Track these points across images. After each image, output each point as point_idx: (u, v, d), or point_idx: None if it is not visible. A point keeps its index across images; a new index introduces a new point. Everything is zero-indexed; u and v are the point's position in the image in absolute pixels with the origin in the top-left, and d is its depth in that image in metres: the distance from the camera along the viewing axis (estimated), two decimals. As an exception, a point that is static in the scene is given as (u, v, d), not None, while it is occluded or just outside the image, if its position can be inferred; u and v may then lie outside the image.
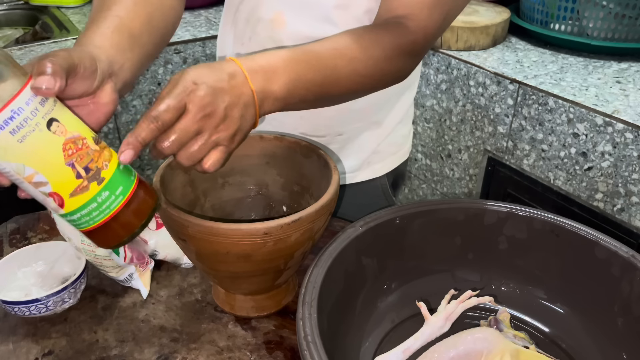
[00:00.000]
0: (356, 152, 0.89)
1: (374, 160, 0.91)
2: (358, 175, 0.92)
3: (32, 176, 0.45)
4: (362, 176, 0.92)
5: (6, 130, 0.42)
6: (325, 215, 0.61)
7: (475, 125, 1.35)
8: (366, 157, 0.90)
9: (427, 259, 0.70)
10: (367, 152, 0.90)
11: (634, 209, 1.06)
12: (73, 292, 0.69)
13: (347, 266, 0.63)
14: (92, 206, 0.47)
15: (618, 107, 1.08)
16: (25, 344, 0.66)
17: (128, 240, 0.50)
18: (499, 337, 0.61)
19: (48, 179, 0.45)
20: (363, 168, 0.91)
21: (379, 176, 0.93)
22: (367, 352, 0.64)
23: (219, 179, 0.74)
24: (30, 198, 0.48)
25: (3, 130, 0.41)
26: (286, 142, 0.72)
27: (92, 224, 0.48)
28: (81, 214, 0.47)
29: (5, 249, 0.82)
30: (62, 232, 0.70)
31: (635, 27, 1.26)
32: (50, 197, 0.46)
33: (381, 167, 0.93)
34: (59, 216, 0.49)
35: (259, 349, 0.65)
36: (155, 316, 0.70)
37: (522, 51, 1.37)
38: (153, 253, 0.76)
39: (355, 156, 0.89)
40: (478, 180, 1.40)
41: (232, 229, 0.56)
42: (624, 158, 1.05)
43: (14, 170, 0.44)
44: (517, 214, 0.68)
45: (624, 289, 0.61)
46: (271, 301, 0.70)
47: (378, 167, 0.93)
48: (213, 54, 1.47)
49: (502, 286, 0.71)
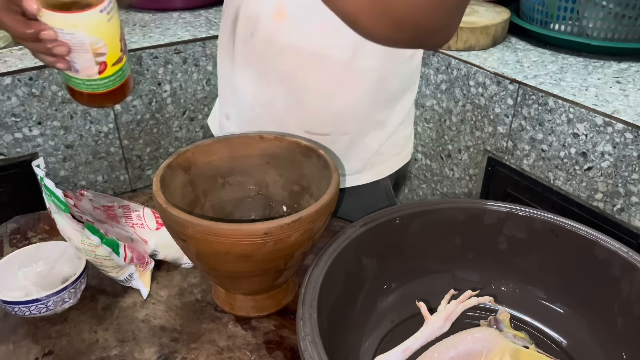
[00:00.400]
0: (359, 154, 0.89)
1: (377, 162, 0.91)
2: (362, 177, 0.91)
3: (100, 48, 0.58)
4: (365, 178, 0.92)
5: (104, 13, 0.56)
6: (325, 215, 0.62)
7: (475, 125, 1.35)
8: (369, 158, 0.90)
9: (427, 259, 0.70)
10: (370, 154, 0.90)
11: (633, 209, 1.06)
12: (73, 292, 0.69)
13: (347, 266, 0.63)
14: (118, 73, 0.61)
15: (618, 107, 1.08)
16: (26, 343, 0.66)
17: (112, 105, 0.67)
18: (499, 337, 0.61)
19: (107, 50, 0.58)
20: (366, 170, 0.91)
21: (382, 178, 0.93)
22: (367, 352, 0.64)
23: (219, 179, 0.74)
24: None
25: (102, 13, 0.56)
26: (286, 142, 0.72)
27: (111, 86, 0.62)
28: (109, 78, 0.61)
29: (5, 249, 0.82)
30: (62, 232, 0.70)
31: (635, 27, 1.26)
32: (98, 65, 0.59)
33: (384, 168, 0.93)
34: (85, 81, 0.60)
35: (259, 349, 0.65)
36: (156, 316, 0.70)
37: (522, 51, 1.37)
38: (153, 253, 0.76)
39: (359, 158, 0.89)
40: (478, 180, 1.40)
41: (232, 229, 0.56)
42: (624, 158, 1.05)
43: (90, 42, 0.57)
44: (517, 214, 0.68)
45: (624, 289, 0.61)
46: (271, 301, 0.70)
47: (381, 169, 0.92)
48: (213, 54, 1.47)
49: (502, 286, 0.71)
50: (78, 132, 1.37)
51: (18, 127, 1.29)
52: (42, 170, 0.68)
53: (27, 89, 1.26)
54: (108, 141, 1.41)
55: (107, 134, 1.40)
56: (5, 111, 1.26)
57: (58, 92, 1.30)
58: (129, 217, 0.78)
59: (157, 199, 0.60)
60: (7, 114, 1.26)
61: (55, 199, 0.66)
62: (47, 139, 1.34)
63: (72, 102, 1.33)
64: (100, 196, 0.79)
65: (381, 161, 0.92)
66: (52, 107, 1.31)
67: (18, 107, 1.27)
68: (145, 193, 0.95)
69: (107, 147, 1.41)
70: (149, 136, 1.48)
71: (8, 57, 1.31)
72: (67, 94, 1.30)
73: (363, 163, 0.90)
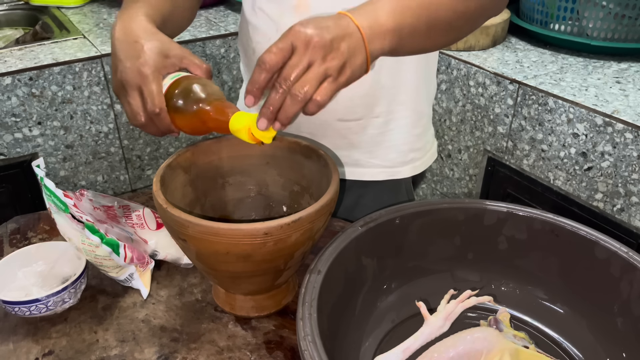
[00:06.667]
0: (398, 145, 0.88)
1: (416, 157, 0.91)
2: (401, 171, 0.91)
3: None
4: (404, 172, 0.91)
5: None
6: (325, 215, 0.62)
7: (475, 126, 1.35)
8: (409, 151, 0.90)
9: (427, 259, 0.70)
10: (410, 147, 0.89)
11: (633, 209, 1.06)
12: (73, 292, 0.69)
13: (347, 266, 0.63)
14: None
15: (618, 107, 1.08)
16: (26, 343, 0.66)
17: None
18: (499, 337, 0.61)
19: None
20: (406, 164, 0.90)
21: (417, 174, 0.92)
22: (367, 352, 0.64)
23: (219, 179, 0.74)
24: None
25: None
26: (286, 142, 0.72)
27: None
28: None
29: (5, 249, 0.82)
30: (62, 232, 0.70)
31: (635, 27, 1.26)
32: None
33: (421, 164, 0.92)
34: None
35: (259, 349, 0.65)
36: (156, 316, 0.70)
37: (522, 51, 1.37)
38: (153, 253, 0.76)
39: (397, 150, 0.89)
40: (478, 180, 1.40)
41: (232, 229, 0.56)
42: (624, 158, 1.05)
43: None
44: (517, 214, 0.68)
45: (624, 289, 0.61)
46: (271, 301, 0.70)
47: (419, 164, 0.92)
48: (213, 54, 1.48)
49: (502, 286, 0.71)
50: (78, 132, 1.37)
51: (18, 127, 1.29)
52: (42, 170, 0.68)
53: (27, 89, 1.26)
54: (108, 141, 1.41)
55: (107, 134, 1.40)
56: (5, 111, 1.26)
57: (58, 92, 1.30)
58: (129, 217, 0.78)
59: (157, 199, 0.60)
60: (7, 114, 1.26)
61: (55, 199, 0.66)
62: (47, 139, 1.34)
63: (72, 102, 1.33)
64: (100, 196, 0.79)
65: (419, 156, 0.92)
66: (52, 107, 1.31)
67: (18, 107, 1.27)
68: (145, 193, 0.95)
69: (107, 147, 1.41)
70: (149, 136, 1.48)
71: (8, 57, 1.31)
72: (67, 94, 1.31)
73: (403, 157, 0.90)
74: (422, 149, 0.92)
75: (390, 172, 0.91)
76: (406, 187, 0.96)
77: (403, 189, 0.96)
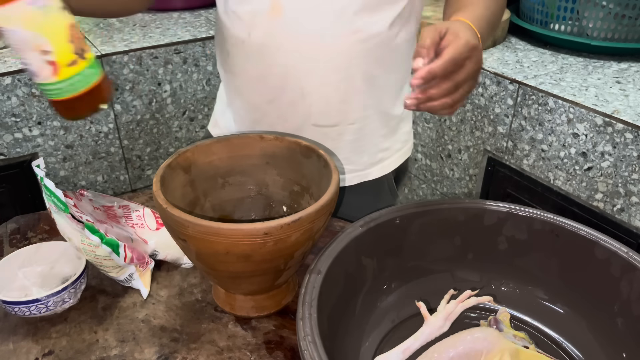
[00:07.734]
0: (369, 147, 0.90)
1: (384, 157, 0.93)
2: (370, 173, 0.93)
3: (41, 45, 0.57)
4: (374, 174, 0.93)
5: (34, 6, 0.55)
6: (325, 215, 0.62)
7: (475, 126, 1.35)
8: (377, 153, 0.91)
9: (427, 259, 0.70)
10: (378, 148, 0.91)
11: (633, 209, 1.06)
12: (73, 292, 0.69)
13: (347, 266, 0.63)
14: (77, 77, 0.60)
15: (618, 107, 1.08)
16: (26, 343, 0.66)
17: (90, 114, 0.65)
18: (499, 336, 0.61)
19: (53, 49, 0.58)
20: (375, 165, 0.92)
21: (386, 173, 0.94)
22: (367, 352, 0.64)
23: (219, 179, 0.74)
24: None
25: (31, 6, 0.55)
26: (286, 142, 0.72)
27: (74, 91, 0.61)
28: (68, 82, 0.60)
29: (5, 249, 0.82)
30: (62, 232, 0.70)
31: (635, 27, 1.26)
32: (49, 65, 0.58)
33: (389, 163, 0.94)
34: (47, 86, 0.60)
35: (259, 349, 0.65)
36: (156, 316, 0.70)
37: (522, 51, 1.37)
38: (153, 253, 0.76)
39: (369, 152, 0.90)
40: (478, 180, 1.40)
41: (232, 229, 0.56)
42: (624, 158, 1.05)
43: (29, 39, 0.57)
44: (517, 214, 0.68)
45: (624, 289, 0.61)
46: (271, 301, 0.70)
47: (387, 164, 0.94)
48: (213, 54, 1.47)
49: (502, 286, 0.71)
50: (78, 132, 1.37)
51: (18, 127, 1.29)
52: (42, 170, 0.68)
53: (27, 89, 1.26)
54: (108, 141, 1.41)
55: (107, 134, 1.40)
56: (5, 111, 1.26)
57: (58, 92, 1.30)
58: (129, 217, 0.78)
59: (157, 199, 0.60)
60: (7, 114, 1.26)
61: (55, 199, 0.66)
62: (47, 139, 1.34)
63: (72, 102, 1.33)
64: (100, 196, 0.79)
65: (387, 156, 0.93)
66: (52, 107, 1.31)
67: (18, 107, 1.27)
68: (145, 193, 0.95)
69: (107, 147, 1.41)
70: (149, 136, 1.48)
71: (8, 57, 1.31)
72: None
73: (372, 158, 0.91)
74: (390, 148, 0.93)
75: (362, 174, 0.92)
76: (389, 184, 0.97)
77: (386, 187, 0.97)
